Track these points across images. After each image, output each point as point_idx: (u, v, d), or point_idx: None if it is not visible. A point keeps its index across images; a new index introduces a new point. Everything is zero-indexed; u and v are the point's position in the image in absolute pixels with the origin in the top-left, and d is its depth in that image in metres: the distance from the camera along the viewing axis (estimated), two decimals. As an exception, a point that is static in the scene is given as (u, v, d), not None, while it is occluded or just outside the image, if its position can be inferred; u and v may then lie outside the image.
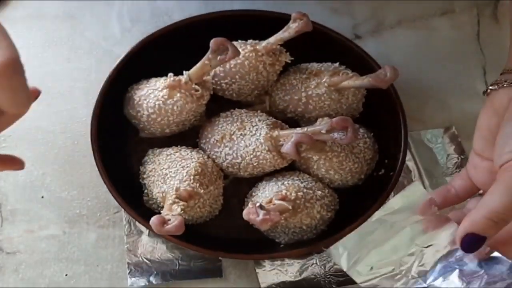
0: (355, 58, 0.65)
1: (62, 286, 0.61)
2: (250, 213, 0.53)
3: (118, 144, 0.65)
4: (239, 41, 0.63)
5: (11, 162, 0.47)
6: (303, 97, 0.62)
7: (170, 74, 0.60)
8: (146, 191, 0.61)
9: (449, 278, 0.45)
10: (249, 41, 0.63)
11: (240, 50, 0.59)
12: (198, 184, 0.57)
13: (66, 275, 0.62)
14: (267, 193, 0.58)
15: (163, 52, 0.65)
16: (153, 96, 0.60)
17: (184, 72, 0.60)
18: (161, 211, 0.56)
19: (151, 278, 0.61)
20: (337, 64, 0.64)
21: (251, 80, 0.62)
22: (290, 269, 0.61)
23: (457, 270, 0.45)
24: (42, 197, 0.65)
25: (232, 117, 0.62)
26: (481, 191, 0.51)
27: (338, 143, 0.60)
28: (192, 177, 0.57)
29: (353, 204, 0.62)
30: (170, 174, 0.58)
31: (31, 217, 0.64)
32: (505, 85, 0.49)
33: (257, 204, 0.54)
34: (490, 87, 0.51)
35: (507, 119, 0.46)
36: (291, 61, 0.63)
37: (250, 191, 0.62)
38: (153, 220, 0.52)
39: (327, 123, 0.56)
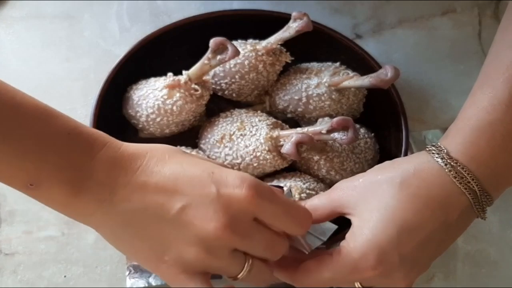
0: (355, 58, 0.65)
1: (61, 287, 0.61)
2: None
3: (117, 144, 0.65)
4: (239, 41, 0.63)
5: None
6: (303, 97, 0.62)
7: (170, 74, 0.60)
8: (145, 191, 0.61)
9: None
10: (249, 41, 0.63)
11: (240, 50, 0.59)
12: (197, 185, 0.57)
13: (65, 276, 0.62)
14: (267, 194, 0.58)
15: (163, 52, 0.64)
16: (152, 96, 0.60)
17: (183, 72, 0.59)
18: (160, 212, 0.55)
19: (150, 280, 0.61)
20: (337, 64, 0.64)
21: (251, 80, 0.62)
22: (290, 270, 0.61)
23: None
24: (41, 198, 0.64)
25: (232, 117, 0.61)
26: None
27: (338, 144, 0.60)
28: (191, 177, 0.57)
29: (354, 205, 0.62)
30: (169, 175, 0.58)
31: (30, 218, 0.64)
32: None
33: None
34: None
35: None
36: (291, 61, 0.63)
37: (250, 192, 0.62)
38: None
39: (327, 123, 0.56)
